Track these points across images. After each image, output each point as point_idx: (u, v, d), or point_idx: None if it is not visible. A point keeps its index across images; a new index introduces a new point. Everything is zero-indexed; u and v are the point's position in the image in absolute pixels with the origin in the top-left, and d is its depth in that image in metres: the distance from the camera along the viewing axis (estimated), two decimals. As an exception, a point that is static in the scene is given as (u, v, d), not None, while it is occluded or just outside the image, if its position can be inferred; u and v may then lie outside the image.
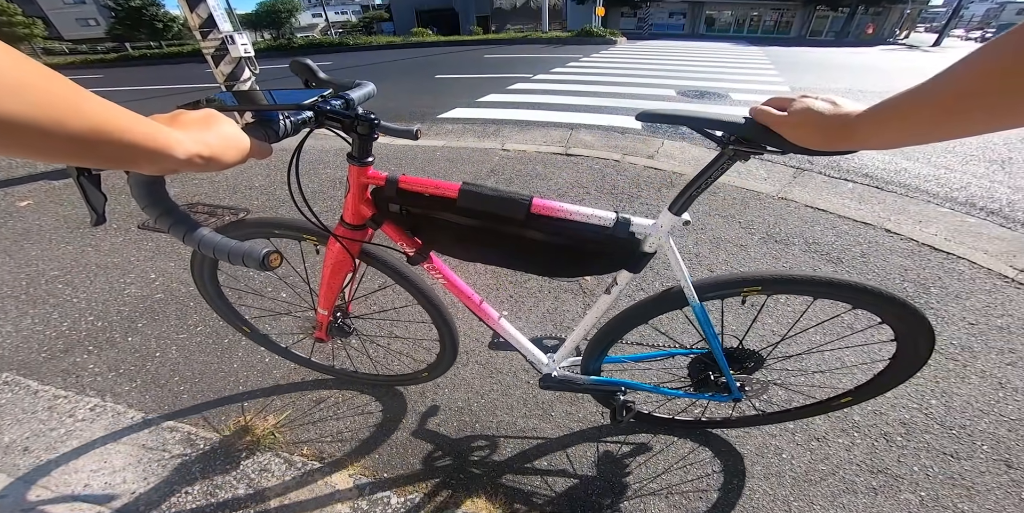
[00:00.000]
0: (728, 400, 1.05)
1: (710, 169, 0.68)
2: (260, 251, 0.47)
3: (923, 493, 1.09)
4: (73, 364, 1.56)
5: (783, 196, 2.75)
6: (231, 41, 3.49)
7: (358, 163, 0.75)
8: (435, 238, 0.86)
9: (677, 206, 0.73)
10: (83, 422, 1.31)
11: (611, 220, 0.75)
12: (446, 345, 1.16)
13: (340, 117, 0.66)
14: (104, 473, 1.15)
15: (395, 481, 1.15)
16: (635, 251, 0.79)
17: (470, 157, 3.45)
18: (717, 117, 0.61)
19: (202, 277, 1.13)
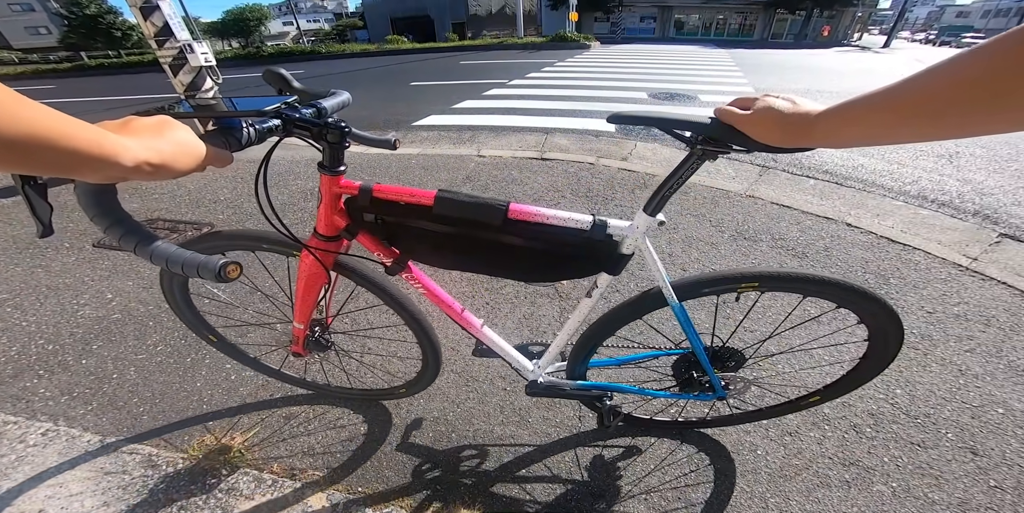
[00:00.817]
0: (712, 399, 1.05)
1: (680, 169, 0.68)
2: (216, 262, 0.45)
3: (895, 484, 1.10)
4: (23, 389, 1.45)
5: (750, 194, 2.80)
6: (190, 49, 3.35)
7: (329, 172, 0.73)
8: (412, 247, 0.84)
9: (651, 207, 0.73)
10: (35, 447, 1.23)
11: (588, 223, 0.74)
12: (428, 360, 1.13)
13: (309, 125, 0.63)
14: (60, 498, 1.08)
15: (371, 497, 1.11)
16: (613, 253, 0.78)
17: (446, 164, 3.41)
18: (685, 118, 0.62)
19: (171, 285, 1.06)
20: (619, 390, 1.09)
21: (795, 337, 1.53)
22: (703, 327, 1.59)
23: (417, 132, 4.39)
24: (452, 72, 9.69)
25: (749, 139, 0.56)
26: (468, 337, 1.65)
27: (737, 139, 0.57)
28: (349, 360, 1.54)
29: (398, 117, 5.08)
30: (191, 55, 3.37)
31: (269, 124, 0.59)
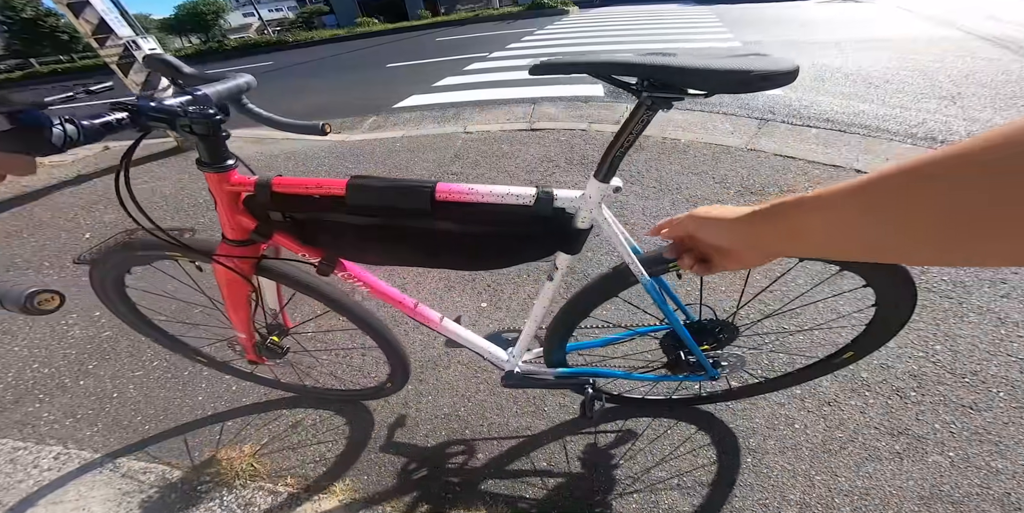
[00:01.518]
0: (704, 379, 0.95)
1: (629, 124, 0.57)
2: (21, 293, 0.40)
3: (952, 453, 1.00)
4: (26, 414, 1.38)
5: (752, 147, 2.63)
6: (135, 46, 3.05)
7: (211, 169, 0.63)
8: (335, 244, 0.73)
9: (603, 172, 0.62)
10: (49, 471, 1.19)
11: (531, 197, 0.63)
12: (391, 359, 1.03)
13: (165, 116, 0.53)
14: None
15: (390, 502, 1.04)
16: (567, 229, 0.67)
17: (432, 144, 3.21)
18: (624, 60, 0.50)
19: (105, 293, 0.95)
20: (601, 375, 1.00)
21: (800, 308, 1.40)
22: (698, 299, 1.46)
23: (399, 114, 4.14)
24: (429, 50, 9.18)
25: (710, 80, 0.47)
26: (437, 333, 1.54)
27: (694, 80, 0.48)
28: (323, 360, 1.46)
29: (377, 101, 4.80)
30: (138, 52, 3.08)
31: (106, 119, 0.49)
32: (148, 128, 0.53)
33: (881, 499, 0.94)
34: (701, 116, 3.22)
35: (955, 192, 0.22)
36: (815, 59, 4.44)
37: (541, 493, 1.03)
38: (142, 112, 0.51)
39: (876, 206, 0.28)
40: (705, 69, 0.47)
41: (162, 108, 0.52)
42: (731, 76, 0.46)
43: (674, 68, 0.48)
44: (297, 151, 3.39)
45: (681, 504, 0.96)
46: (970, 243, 0.23)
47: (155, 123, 0.53)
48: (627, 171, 2.47)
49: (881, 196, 0.28)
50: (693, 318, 0.88)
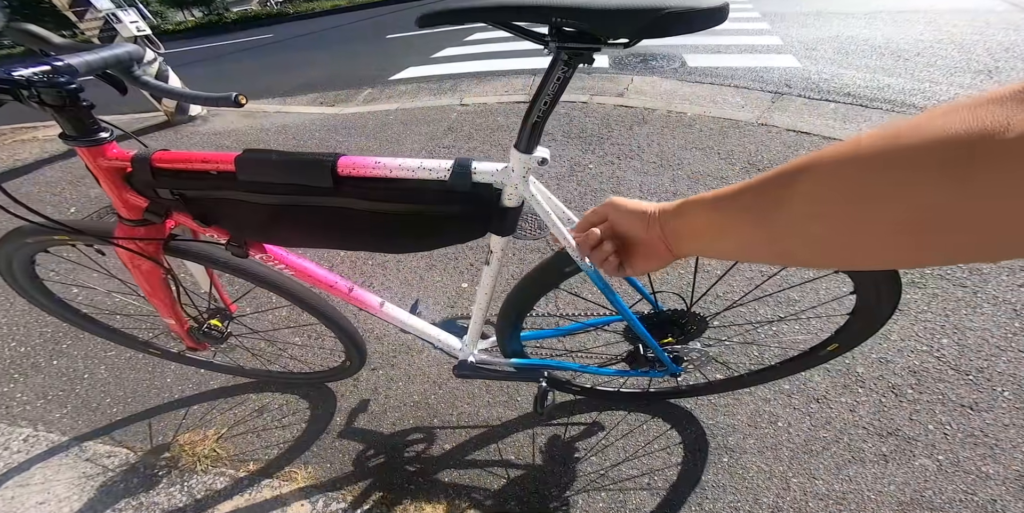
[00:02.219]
0: (664, 375, 0.87)
1: (547, 84, 0.50)
2: None
3: (941, 457, 0.92)
4: (1, 395, 1.36)
5: (763, 122, 2.44)
6: (115, 19, 2.87)
7: (80, 143, 0.57)
8: (236, 225, 0.66)
9: (524, 142, 0.54)
10: (19, 454, 1.18)
11: (445, 171, 0.55)
12: (340, 336, 0.97)
13: (2, 85, 0.46)
14: (50, 503, 1.05)
15: (349, 490, 1.00)
16: (493, 207, 0.59)
17: (426, 117, 3.07)
18: (526, 2, 0.42)
19: (17, 284, 0.90)
20: (556, 368, 0.93)
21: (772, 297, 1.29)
22: (687, 290, 1.36)
23: (395, 86, 3.96)
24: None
25: (632, 25, 0.40)
26: (440, 307, 1.47)
27: (612, 24, 0.40)
28: (285, 342, 1.41)
29: (373, 73, 4.60)
30: (119, 25, 2.90)
31: None
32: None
33: (857, 504, 0.87)
34: (710, 89, 3.01)
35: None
36: (840, 31, 4.08)
37: (506, 487, 0.98)
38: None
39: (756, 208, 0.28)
40: (616, 8, 0.38)
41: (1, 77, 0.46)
42: (642, 15, 0.38)
43: (581, 9, 0.40)
44: (288, 124, 3.28)
45: (649, 504, 0.90)
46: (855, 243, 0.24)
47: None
48: (627, 145, 2.32)
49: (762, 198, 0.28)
50: (661, 308, 0.80)
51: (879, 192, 0.22)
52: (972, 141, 0.18)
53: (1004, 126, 0.18)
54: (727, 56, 3.59)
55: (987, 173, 0.18)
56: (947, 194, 0.19)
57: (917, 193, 0.20)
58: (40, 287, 0.93)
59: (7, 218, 0.61)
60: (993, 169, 0.18)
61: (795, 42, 3.82)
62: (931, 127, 0.20)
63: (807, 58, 3.39)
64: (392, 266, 1.70)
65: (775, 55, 3.50)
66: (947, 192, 0.19)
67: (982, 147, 0.18)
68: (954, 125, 0.19)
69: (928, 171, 0.20)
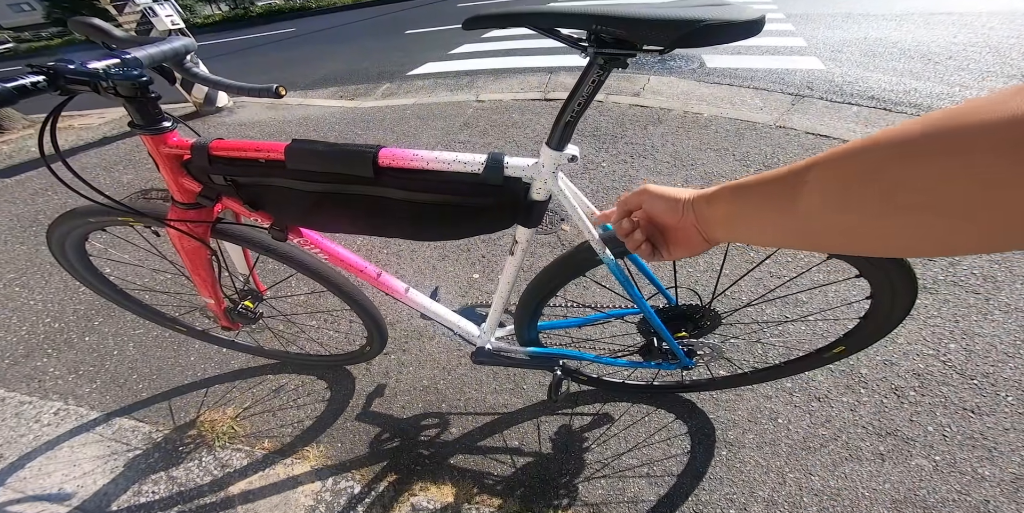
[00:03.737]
0: (677, 368, 0.89)
1: (580, 86, 0.52)
2: None
3: (937, 457, 0.93)
4: (35, 369, 1.44)
5: (781, 124, 2.42)
6: (152, 13, 2.99)
7: (146, 131, 0.62)
8: (280, 210, 0.70)
9: (556, 139, 0.57)
10: (49, 427, 1.24)
11: (479, 164, 0.59)
12: (364, 320, 1.01)
13: (86, 79, 0.51)
14: (75, 477, 1.09)
15: (359, 470, 1.05)
16: (522, 200, 0.63)
17: (442, 112, 3.11)
18: (569, 10, 0.45)
19: (68, 262, 0.95)
20: (570, 357, 0.95)
21: (789, 297, 1.30)
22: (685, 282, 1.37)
23: (412, 81, 4.01)
24: (449, 16, 8.79)
25: (667, 34, 0.41)
26: (452, 296, 1.52)
27: (649, 33, 0.42)
28: (309, 325, 1.45)
29: (392, 68, 4.66)
30: (155, 18, 3.02)
31: (20, 82, 0.47)
32: (69, 92, 0.51)
33: (851, 501, 0.89)
34: (729, 90, 2.98)
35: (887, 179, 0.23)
36: (868, 33, 3.99)
37: (509, 472, 1.02)
38: (60, 74, 0.49)
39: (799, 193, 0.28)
40: (655, 19, 0.40)
41: (82, 70, 0.50)
42: (684, 26, 0.39)
43: (621, 18, 0.42)
44: (310, 117, 3.36)
45: (647, 493, 0.93)
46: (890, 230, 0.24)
47: (76, 86, 0.51)
48: (641, 144, 2.33)
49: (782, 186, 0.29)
50: (674, 302, 0.82)
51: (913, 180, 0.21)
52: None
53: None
54: (748, 57, 3.55)
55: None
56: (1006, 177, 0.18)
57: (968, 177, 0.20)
58: (88, 265, 0.99)
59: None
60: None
61: (820, 44, 3.75)
62: (993, 110, 0.19)
63: (832, 60, 3.34)
64: (406, 256, 1.75)
65: (798, 57, 3.45)
66: (1007, 174, 0.18)
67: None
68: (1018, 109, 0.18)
69: (984, 154, 0.19)
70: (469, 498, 0.97)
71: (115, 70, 0.53)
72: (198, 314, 1.37)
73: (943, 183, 0.20)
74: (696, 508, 0.91)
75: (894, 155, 0.22)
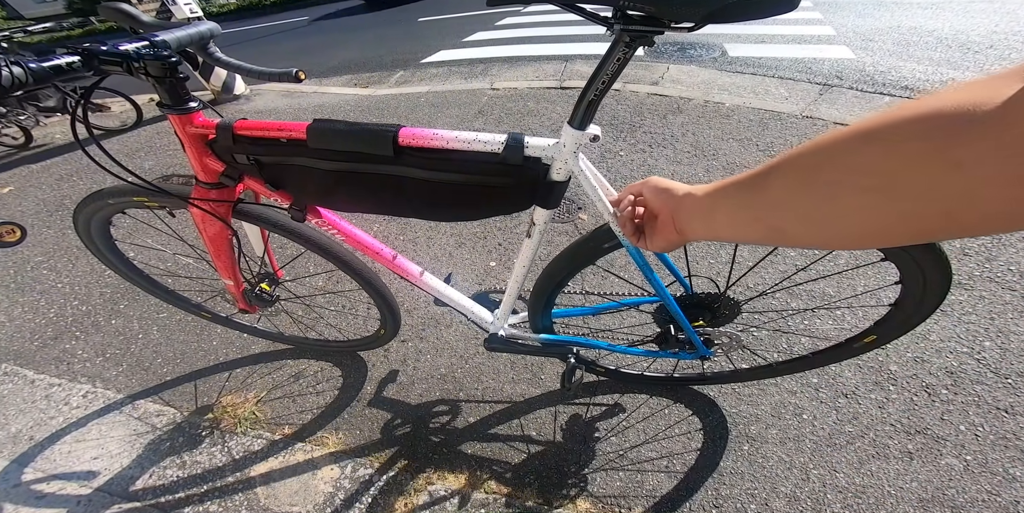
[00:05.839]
0: (694, 358, 0.88)
1: (605, 64, 0.51)
2: None
3: (969, 457, 0.90)
4: (63, 351, 1.48)
5: (808, 115, 2.34)
6: (171, 1, 3.01)
7: (173, 111, 0.63)
8: (301, 189, 0.71)
9: (578, 118, 0.56)
10: (78, 409, 1.27)
11: (499, 144, 0.58)
12: (378, 303, 1.01)
13: (119, 59, 0.53)
14: (104, 459, 1.12)
15: (377, 457, 1.05)
16: (541, 181, 0.62)
17: (456, 100, 3.08)
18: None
19: (94, 244, 0.97)
20: (585, 345, 0.93)
21: (812, 284, 1.26)
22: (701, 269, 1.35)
23: (426, 69, 3.97)
24: (462, 3, 8.65)
25: (698, 11, 0.39)
26: (469, 283, 1.51)
27: (677, 10, 0.40)
28: (318, 310, 1.46)
29: (405, 56, 4.61)
30: (174, 7, 3.03)
31: (56, 62, 0.49)
32: (102, 72, 0.53)
33: (876, 499, 0.87)
34: (752, 79, 2.89)
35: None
36: (902, 21, 3.81)
37: (526, 461, 1.01)
38: (94, 55, 0.51)
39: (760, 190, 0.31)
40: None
41: (114, 51, 0.52)
42: (712, 1, 0.38)
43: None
44: (325, 104, 3.35)
45: (665, 486, 0.93)
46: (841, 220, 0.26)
47: (109, 67, 0.53)
48: (660, 134, 2.28)
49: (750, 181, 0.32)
50: (691, 291, 0.80)
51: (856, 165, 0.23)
52: (956, 114, 0.19)
53: (990, 99, 0.18)
54: (772, 46, 3.43)
55: (966, 146, 0.19)
56: (930, 168, 0.20)
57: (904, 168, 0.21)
58: (113, 248, 1.00)
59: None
60: (971, 141, 0.19)
61: (850, 32, 3.60)
62: (923, 104, 0.21)
63: (863, 49, 3.20)
64: (423, 242, 1.75)
65: (827, 46, 3.32)
66: (930, 166, 0.20)
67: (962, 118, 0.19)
68: (944, 101, 0.20)
69: (911, 143, 0.21)
70: (485, 487, 0.97)
71: (145, 51, 0.55)
72: (219, 299, 1.38)
73: (896, 168, 0.22)
74: (715, 502, 0.90)
75: (854, 143, 0.24)
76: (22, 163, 2.88)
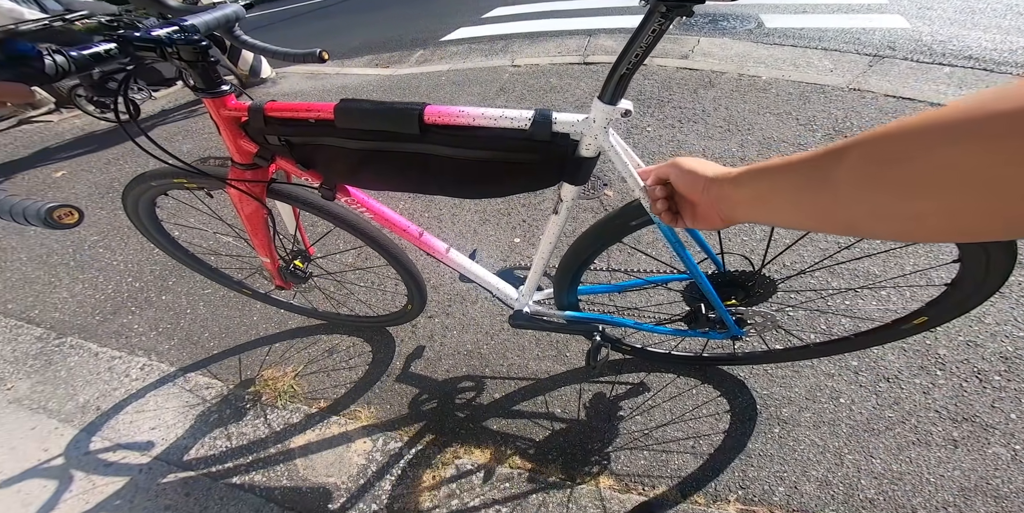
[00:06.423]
0: (725, 338, 0.84)
1: (640, 36, 0.48)
2: (41, 208, 0.42)
3: (1018, 447, 0.83)
4: (121, 325, 1.55)
5: (856, 87, 2.14)
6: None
7: (206, 95, 0.64)
8: (330, 168, 0.71)
9: (609, 93, 0.54)
10: (136, 381, 1.33)
11: (526, 120, 0.56)
12: (405, 278, 1.02)
13: (152, 44, 0.54)
14: (161, 429, 1.18)
15: (407, 431, 1.07)
16: (569, 157, 0.60)
17: (477, 78, 2.98)
18: None
19: (142, 225, 1.00)
20: (611, 323, 0.90)
21: (855, 262, 1.17)
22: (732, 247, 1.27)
23: (446, 47, 3.85)
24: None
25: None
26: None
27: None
28: (349, 286, 1.48)
29: (425, 34, 4.47)
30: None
31: (95, 49, 0.51)
32: (138, 58, 0.55)
33: (913, 486, 0.82)
34: (792, 51, 2.65)
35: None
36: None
37: (550, 438, 1.01)
38: (129, 41, 0.53)
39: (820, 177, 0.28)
40: None
41: (148, 37, 0.54)
42: None
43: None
44: (347, 85, 3.31)
45: (690, 466, 0.90)
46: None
47: (144, 53, 0.54)
48: (690, 109, 2.14)
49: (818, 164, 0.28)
50: (723, 268, 0.75)
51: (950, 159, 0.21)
52: None
53: None
54: (815, 16, 3.12)
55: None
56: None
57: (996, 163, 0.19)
58: (159, 228, 1.03)
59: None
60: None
61: (904, 1, 3.23)
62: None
63: (919, 18, 2.87)
64: (447, 219, 1.72)
65: (877, 15, 2.99)
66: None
67: None
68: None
69: (1015, 140, 0.18)
70: (510, 462, 0.97)
71: (176, 36, 0.56)
72: (257, 276, 1.42)
73: (999, 166, 0.19)
74: (742, 483, 0.87)
75: (936, 136, 0.21)
76: (72, 148, 2.99)
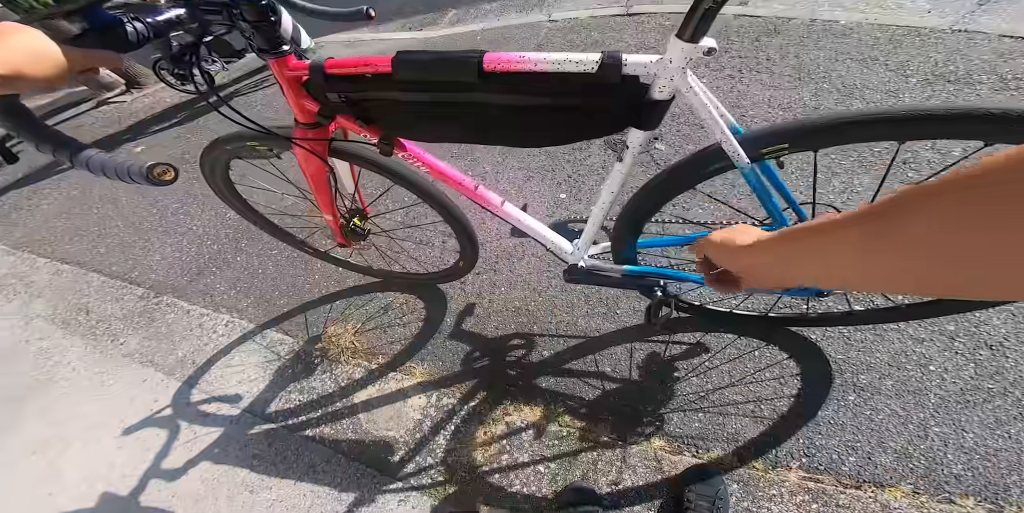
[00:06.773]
0: (809, 295, 0.75)
1: None
2: (143, 166, 0.43)
3: None
4: (206, 285, 1.65)
5: (961, 28, 1.75)
6: None
7: (270, 55, 0.63)
8: (390, 122, 0.70)
9: (690, 30, 0.47)
10: (223, 337, 1.41)
11: (594, 63, 0.51)
12: (459, 233, 0.99)
13: (216, 5, 0.55)
14: (245, 384, 1.25)
15: (459, 388, 1.08)
16: (640, 100, 0.55)
17: (513, 35, 2.77)
18: None
19: (218, 187, 1.03)
20: (674, 278, 0.81)
21: None
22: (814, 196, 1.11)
23: (478, 5, 3.57)
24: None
25: None
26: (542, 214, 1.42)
27: None
28: (402, 243, 1.47)
29: (460, -7, 4.19)
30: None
31: (167, 15, 0.52)
32: (205, 21, 0.56)
33: (1009, 463, 0.72)
34: (879, -8, 2.21)
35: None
36: None
37: (601, 398, 0.98)
38: (196, 4, 0.54)
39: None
40: None
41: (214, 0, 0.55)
42: None
43: None
44: (384, 51, 3.13)
45: (749, 432, 0.84)
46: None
47: (210, 15, 0.55)
48: (751, 57, 1.86)
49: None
50: (807, 219, 0.65)
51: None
52: None
53: None
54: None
55: None
56: None
57: None
58: (234, 190, 1.06)
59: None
60: None
61: None
62: None
63: None
64: (491, 176, 1.65)
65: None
66: None
67: None
68: None
69: None
70: (560, 420, 0.96)
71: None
72: (317, 236, 1.44)
73: None
74: (807, 451, 0.80)
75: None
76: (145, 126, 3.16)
